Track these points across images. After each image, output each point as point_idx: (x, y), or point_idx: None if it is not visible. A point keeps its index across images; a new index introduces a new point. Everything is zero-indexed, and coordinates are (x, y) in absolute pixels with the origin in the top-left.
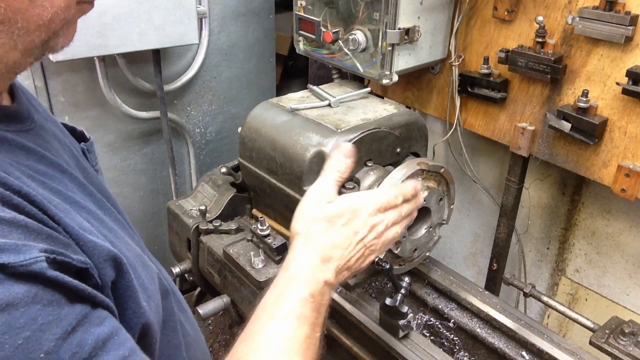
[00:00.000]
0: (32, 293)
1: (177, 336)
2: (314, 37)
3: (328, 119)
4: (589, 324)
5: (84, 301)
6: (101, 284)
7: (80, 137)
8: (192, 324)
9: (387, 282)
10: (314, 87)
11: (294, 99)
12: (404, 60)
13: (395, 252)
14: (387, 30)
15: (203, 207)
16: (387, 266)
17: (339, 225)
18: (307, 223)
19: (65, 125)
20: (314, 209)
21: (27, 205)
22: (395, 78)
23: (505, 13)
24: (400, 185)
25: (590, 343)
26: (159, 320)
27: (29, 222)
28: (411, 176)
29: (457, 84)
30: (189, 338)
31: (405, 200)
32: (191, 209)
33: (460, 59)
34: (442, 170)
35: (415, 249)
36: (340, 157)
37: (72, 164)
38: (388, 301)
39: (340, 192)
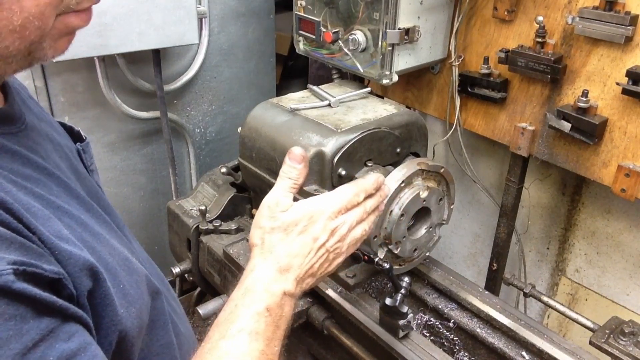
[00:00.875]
0: None
1: (169, 335)
2: (314, 37)
3: (328, 119)
4: (589, 324)
5: (54, 314)
6: (77, 294)
7: (77, 137)
8: (185, 323)
9: (387, 282)
10: (314, 87)
11: (294, 99)
12: (404, 60)
13: (395, 252)
14: (387, 30)
15: (203, 207)
16: (387, 266)
17: (295, 233)
18: (262, 234)
19: (63, 124)
20: (269, 219)
21: (2, 214)
22: (395, 78)
23: (505, 13)
24: (359, 182)
25: (590, 343)
26: (140, 324)
27: (2, 231)
28: (411, 176)
29: (457, 84)
30: (182, 337)
31: (369, 196)
32: (191, 209)
33: (460, 59)
34: (442, 170)
35: (415, 249)
36: (291, 164)
37: (63, 166)
38: (388, 301)
39: (295, 199)
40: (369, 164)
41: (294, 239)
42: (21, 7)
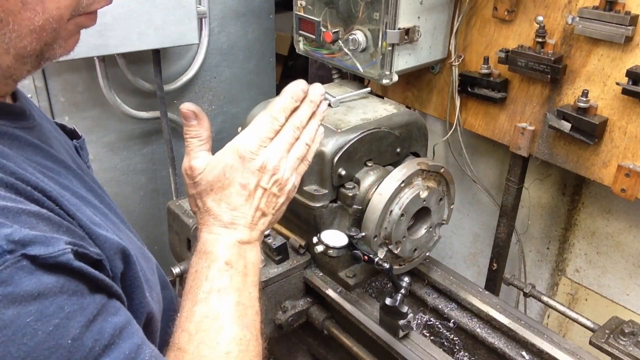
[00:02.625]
0: (60, 283)
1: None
2: (314, 37)
3: (328, 119)
4: (589, 324)
5: (102, 291)
6: (112, 276)
7: (71, 134)
8: None
9: (387, 282)
10: None
11: None
12: (404, 60)
13: (395, 252)
14: (387, 30)
15: None
16: (387, 266)
17: (224, 188)
18: (195, 201)
19: (56, 123)
20: (192, 186)
21: (46, 200)
22: (395, 78)
23: (505, 13)
24: (272, 103)
25: (590, 343)
26: (160, 309)
27: (51, 215)
28: (411, 176)
29: (457, 84)
30: None
31: (294, 111)
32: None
33: (460, 59)
34: (442, 170)
35: (415, 249)
36: (186, 122)
37: (70, 160)
38: (388, 301)
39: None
40: (369, 164)
41: (224, 194)
42: (44, 8)
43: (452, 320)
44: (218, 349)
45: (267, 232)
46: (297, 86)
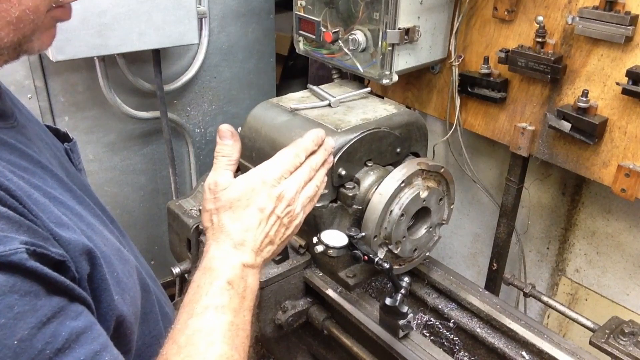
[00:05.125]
0: (11, 283)
1: (158, 327)
2: (314, 37)
3: (328, 119)
4: (589, 324)
5: (62, 294)
6: (78, 277)
7: (63, 138)
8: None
9: (387, 282)
10: (314, 87)
11: (294, 99)
12: (404, 60)
13: (395, 252)
14: (387, 30)
15: None
16: (387, 266)
17: (241, 208)
18: (210, 216)
19: (49, 127)
20: (212, 201)
21: (9, 199)
22: (395, 78)
23: (505, 13)
24: (296, 142)
25: (590, 343)
26: (135, 311)
27: (10, 214)
28: (411, 176)
29: (457, 84)
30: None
31: (312, 153)
32: (191, 209)
33: (460, 59)
34: (442, 170)
35: (415, 249)
36: (221, 142)
37: (55, 163)
38: (388, 301)
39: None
40: (369, 164)
41: (241, 214)
42: (20, 0)
43: (452, 320)
44: None
45: None
46: (319, 133)
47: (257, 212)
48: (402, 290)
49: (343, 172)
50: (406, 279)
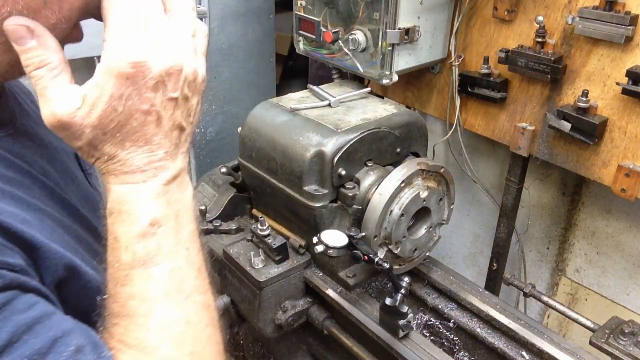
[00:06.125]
0: None
1: None
2: (314, 37)
3: (328, 119)
4: (589, 324)
5: (6, 289)
6: (46, 282)
7: None
8: None
9: (387, 282)
10: (314, 87)
11: (294, 99)
12: (404, 60)
13: (395, 252)
14: (387, 30)
15: (203, 207)
16: (387, 266)
17: (120, 127)
18: (90, 154)
19: None
20: (73, 140)
21: None
22: (395, 78)
23: (505, 13)
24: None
25: (590, 343)
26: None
27: None
28: (411, 176)
29: (457, 84)
30: None
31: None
32: None
33: (460, 59)
34: (442, 170)
35: (415, 249)
36: (23, 47)
37: (53, 172)
38: (388, 301)
39: None
40: (369, 164)
41: (125, 134)
42: (60, 7)
43: (452, 320)
44: (150, 337)
45: (267, 232)
46: None
47: (143, 117)
48: (402, 290)
49: (343, 172)
50: (406, 279)
